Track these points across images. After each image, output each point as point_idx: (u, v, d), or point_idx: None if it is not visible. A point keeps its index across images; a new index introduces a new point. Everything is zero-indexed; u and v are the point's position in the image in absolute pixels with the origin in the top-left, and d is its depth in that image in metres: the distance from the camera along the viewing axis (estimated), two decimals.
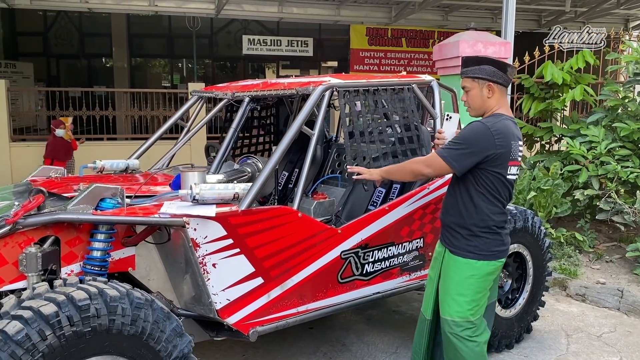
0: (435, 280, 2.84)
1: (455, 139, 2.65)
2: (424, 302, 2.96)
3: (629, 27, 12.43)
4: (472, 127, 2.63)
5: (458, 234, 2.70)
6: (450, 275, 2.72)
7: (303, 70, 15.07)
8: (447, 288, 2.73)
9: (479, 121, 2.63)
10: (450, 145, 2.64)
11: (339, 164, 4.38)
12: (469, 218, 2.66)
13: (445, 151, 2.63)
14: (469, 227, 2.67)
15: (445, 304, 2.74)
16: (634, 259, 5.33)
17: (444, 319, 2.75)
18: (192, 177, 2.80)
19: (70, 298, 2.09)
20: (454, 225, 2.72)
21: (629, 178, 5.35)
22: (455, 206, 2.71)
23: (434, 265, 2.89)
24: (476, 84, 2.66)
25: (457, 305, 2.68)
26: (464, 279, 2.68)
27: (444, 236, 2.81)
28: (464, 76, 2.71)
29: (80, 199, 2.52)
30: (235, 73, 16.22)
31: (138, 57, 15.78)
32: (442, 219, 2.83)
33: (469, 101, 2.72)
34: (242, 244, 2.70)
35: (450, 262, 2.73)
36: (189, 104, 4.14)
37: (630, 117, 5.67)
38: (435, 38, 12.09)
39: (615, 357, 3.84)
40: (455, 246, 2.71)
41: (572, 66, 6.24)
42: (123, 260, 2.74)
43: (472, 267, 2.66)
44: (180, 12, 10.39)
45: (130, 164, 3.80)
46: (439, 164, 2.63)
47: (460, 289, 2.68)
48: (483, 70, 2.64)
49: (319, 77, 3.41)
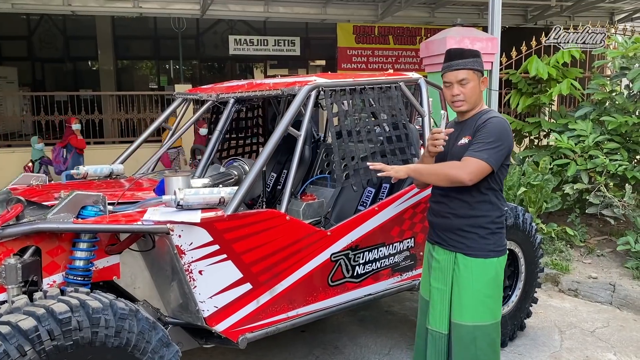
0: (448, 290, 2.60)
1: (487, 138, 2.44)
2: (434, 317, 2.66)
3: (614, 21, 12.47)
4: (497, 124, 2.48)
5: (474, 235, 2.54)
6: (475, 279, 2.53)
7: (291, 70, 15.00)
8: (473, 293, 2.53)
9: (497, 117, 2.51)
10: (485, 146, 2.43)
11: (327, 164, 4.32)
12: (486, 216, 2.53)
13: (483, 153, 2.42)
14: (486, 226, 2.53)
15: (472, 311, 2.54)
16: (624, 253, 5.33)
17: (470, 327, 2.54)
18: (176, 181, 2.73)
19: (51, 311, 2.02)
20: (467, 227, 2.54)
21: (617, 171, 5.35)
22: (466, 207, 2.54)
23: (439, 276, 2.64)
24: (475, 76, 2.53)
25: (487, 308, 2.55)
26: (490, 280, 2.55)
27: (450, 241, 2.59)
28: (460, 68, 2.51)
29: (60, 207, 2.45)
30: (223, 74, 16.13)
31: (124, 59, 15.64)
32: (445, 223, 2.61)
33: (466, 94, 2.53)
34: (229, 250, 2.64)
35: (471, 266, 2.54)
36: (173, 107, 4.07)
37: (618, 111, 5.66)
38: (422, 35, 12.07)
39: (609, 352, 3.82)
40: (473, 248, 2.54)
41: (558, 60, 6.23)
42: (107, 269, 2.67)
43: (495, 266, 2.56)
44: (165, 13, 10.29)
45: (115, 169, 3.72)
46: (482, 168, 2.41)
47: (488, 291, 2.54)
48: (480, 63, 2.56)
49: (304, 77, 3.35)
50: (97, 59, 14.65)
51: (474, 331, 2.55)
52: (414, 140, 3.45)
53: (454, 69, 2.54)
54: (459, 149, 2.56)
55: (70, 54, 15.29)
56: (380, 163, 2.68)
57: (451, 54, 2.59)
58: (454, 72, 2.54)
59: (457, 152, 2.57)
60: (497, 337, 2.64)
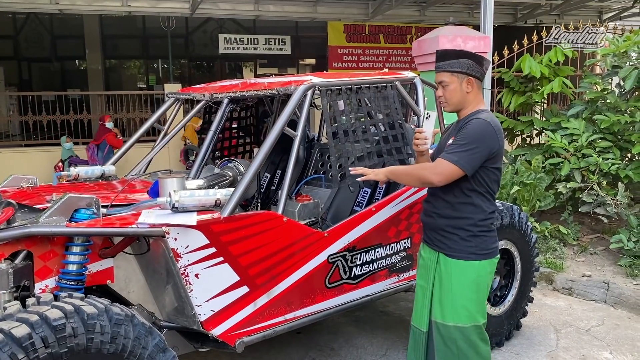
0: (429, 289, 2.64)
1: (461, 140, 2.47)
2: (416, 314, 2.74)
3: (603, 19, 12.55)
4: (475, 126, 2.48)
5: (455, 236, 2.55)
6: (454, 280, 2.55)
7: (280, 69, 14.94)
8: (452, 294, 2.55)
9: (479, 118, 2.50)
10: (457, 148, 2.46)
11: (322, 164, 4.29)
12: (468, 219, 2.53)
13: (454, 155, 2.44)
14: (467, 228, 2.53)
15: (451, 311, 2.56)
16: (617, 251, 5.35)
17: (451, 327, 2.57)
18: (170, 183, 2.68)
19: (44, 318, 1.97)
20: (449, 228, 2.56)
21: (610, 170, 5.36)
22: (448, 208, 2.56)
23: (423, 273, 2.70)
24: (455, 78, 2.55)
25: (466, 310, 2.54)
26: (469, 282, 2.54)
27: (433, 240, 2.64)
28: (440, 70, 2.58)
29: (53, 210, 2.39)
30: (212, 73, 16.03)
31: (112, 58, 15.50)
32: (430, 222, 2.66)
33: (446, 96, 2.58)
34: (226, 252, 2.59)
35: (451, 267, 2.56)
36: (165, 107, 4.01)
37: (610, 109, 5.68)
38: (413, 34, 12.06)
39: (605, 351, 3.82)
40: (453, 249, 2.56)
41: (550, 59, 6.24)
42: (101, 273, 2.61)
43: (476, 269, 2.54)
44: (154, 12, 10.19)
45: (106, 171, 3.67)
46: (451, 171, 2.44)
47: (467, 293, 2.54)
48: (462, 64, 2.54)
49: (300, 76, 3.31)
50: (85, 58, 14.50)
51: (454, 332, 2.57)
52: (409, 140, 3.42)
53: (436, 71, 2.62)
54: (447, 148, 2.59)
55: (57, 53, 15.12)
56: (361, 167, 2.76)
57: (436, 55, 2.65)
58: (437, 75, 2.63)
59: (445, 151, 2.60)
60: (480, 339, 2.61)
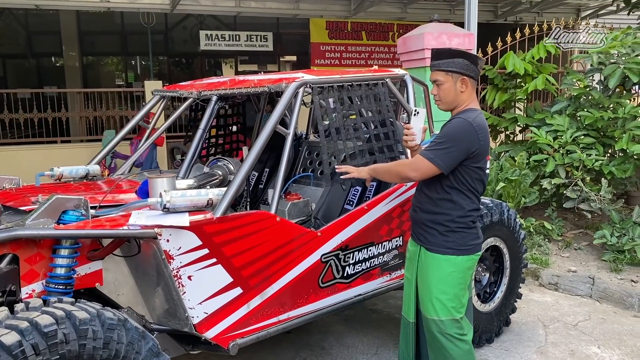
0: (413, 281, 2.75)
1: (439, 138, 2.54)
2: (405, 305, 2.86)
3: (581, 17, 12.70)
4: (454, 124, 2.53)
5: (434, 230, 2.62)
6: (431, 273, 2.63)
7: (261, 65, 14.82)
8: (429, 287, 2.63)
9: (460, 117, 2.54)
10: (434, 145, 2.53)
11: (310, 162, 4.25)
12: (446, 215, 2.59)
13: (430, 152, 2.52)
14: (445, 223, 2.59)
15: (428, 304, 2.64)
16: (601, 246, 5.42)
17: (429, 320, 2.66)
18: (161, 183, 2.62)
19: (35, 324, 1.90)
20: (429, 222, 2.63)
21: (594, 166, 5.42)
22: (429, 203, 2.63)
23: (409, 266, 2.80)
24: (449, 78, 2.57)
25: (441, 304, 2.60)
26: (445, 276, 2.60)
27: (417, 234, 2.72)
28: (435, 69, 2.61)
29: (40, 212, 2.31)
30: (192, 69, 15.84)
31: (90, 55, 15.20)
32: (414, 216, 2.73)
33: (440, 95, 2.62)
34: (219, 253, 2.54)
35: (429, 260, 2.64)
36: (150, 104, 3.93)
37: (593, 106, 5.74)
38: (395, 31, 12.08)
39: (593, 345, 3.86)
40: (432, 243, 2.63)
41: (533, 56, 6.29)
42: (89, 276, 2.54)
43: (452, 263, 2.60)
44: (134, 8, 10.02)
45: (91, 170, 3.58)
46: (426, 167, 2.52)
47: (442, 286, 2.60)
48: (457, 64, 2.56)
49: (290, 73, 3.27)
50: (62, 55, 14.20)
51: (432, 324, 2.65)
52: (400, 138, 3.40)
53: (432, 69, 2.65)
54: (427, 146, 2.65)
55: (33, 49, 14.78)
56: (346, 165, 2.86)
57: (432, 53, 2.67)
58: (432, 73, 2.64)
59: None
60: (458, 334, 2.64)
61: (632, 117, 5.49)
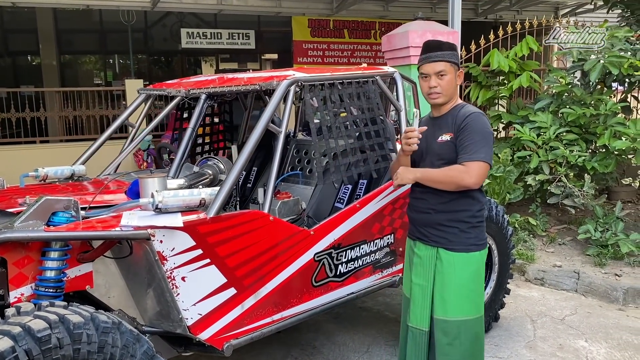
0: (429, 286, 2.58)
1: (477, 136, 2.43)
2: (415, 315, 2.63)
3: (559, 15, 12.87)
4: (479, 120, 2.48)
5: (454, 229, 2.53)
6: (457, 274, 2.52)
7: (242, 64, 14.73)
8: (457, 287, 2.52)
9: (475, 112, 2.52)
10: (477, 145, 2.42)
11: (298, 160, 4.22)
12: (467, 211, 2.53)
13: (480, 153, 2.41)
14: (466, 220, 2.53)
15: (455, 306, 2.53)
16: (584, 241, 5.49)
17: (456, 322, 2.52)
18: (152, 183, 2.58)
19: (27, 329, 1.85)
20: (448, 222, 2.53)
21: (577, 162, 5.49)
22: (447, 202, 2.53)
23: (420, 271, 2.62)
24: (452, 69, 2.53)
25: (472, 302, 2.54)
26: (472, 274, 2.54)
27: (430, 236, 2.59)
28: (439, 59, 2.49)
29: (29, 214, 2.25)
30: (171, 68, 15.68)
31: (68, 53, 14.95)
32: (427, 218, 2.59)
33: (443, 86, 2.51)
34: (213, 254, 2.51)
35: (453, 260, 2.52)
36: (136, 103, 3.86)
37: (575, 103, 5.81)
38: (377, 29, 12.10)
39: (580, 339, 3.91)
40: (454, 242, 2.53)
41: (517, 53, 6.34)
42: (79, 278, 2.49)
43: (477, 260, 2.56)
44: (114, 5, 9.87)
45: (76, 170, 3.51)
46: (484, 170, 2.43)
47: (471, 285, 2.53)
48: (456, 56, 2.56)
49: (281, 71, 3.24)
50: (39, 53, 13.93)
51: (459, 326, 2.53)
52: (391, 135, 3.40)
53: (432, 60, 2.52)
54: (440, 145, 2.55)
55: (9, 48, 14.49)
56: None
57: (429, 45, 2.57)
58: (431, 64, 2.52)
59: (437, 149, 2.56)
60: (481, 331, 2.64)
61: (613, 113, 5.58)
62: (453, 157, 2.50)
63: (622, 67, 5.43)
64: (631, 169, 6.63)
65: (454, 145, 2.50)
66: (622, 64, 5.43)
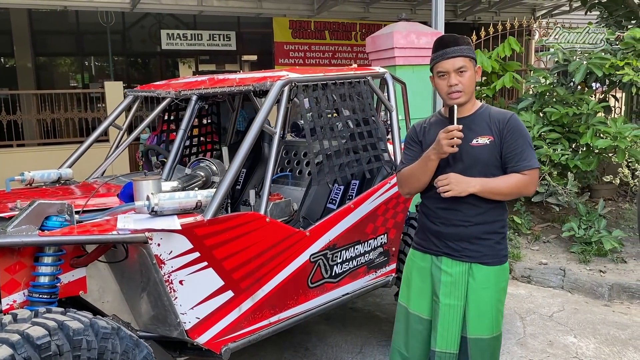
0: (461, 306, 2.33)
1: (527, 141, 2.29)
2: (443, 337, 2.35)
3: (536, 16, 13.07)
4: (520, 122, 2.32)
5: (489, 242, 2.32)
6: (494, 289, 2.34)
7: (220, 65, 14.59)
8: (493, 304, 2.34)
9: (514, 113, 2.35)
10: (530, 151, 2.27)
11: (288, 161, 4.21)
12: (500, 221, 2.35)
13: (535, 159, 2.27)
14: (500, 231, 2.35)
15: (490, 322, 2.35)
16: (568, 238, 5.58)
17: (489, 339, 2.35)
18: (146, 186, 2.54)
19: (26, 336, 1.81)
20: (484, 235, 2.32)
21: (560, 160, 5.57)
22: (482, 214, 2.30)
23: (452, 291, 2.34)
24: (472, 65, 2.29)
25: (500, 316, 2.40)
26: (504, 287, 2.40)
27: (465, 251, 2.33)
28: (458, 55, 2.24)
29: (22, 218, 2.20)
30: (149, 69, 15.48)
31: (43, 55, 14.66)
32: (461, 232, 2.33)
33: (465, 84, 2.25)
34: (210, 257, 2.48)
35: (489, 275, 2.32)
36: (124, 105, 3.80)
37: (558, 102, 5.90)
38: (357, 30, 12.13)
39: (569, 335, 3.96)
40: (490, 256, 2.33)
41: (499, 54, 6.42)
42: (73, 284, 2.44)
43: (507, 271, 2.42)
44: (92, 6, 9.69)
45: (63, 174, 3.44)
46: (537, 176, 2.33)
47: (503, 298, 2.40)
48: (473, 51, 2.33)
49: (273, 71, 3.22)
50: (13, 55, 13.64)
51: (494, 342, 2.37)
52: (383, 135, 3.41)
53: (450, 56, 2.25)
54: (478, 149, 2.28)
55: None
56: (447, 177, 2.25)
57: (445, 41, 2.31)
58: (450, 60, 2.25)
59: (474, 153, 2.28)
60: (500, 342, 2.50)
61: (595, 112, 5.68)
62: (493, 161, 2.28)
63: (604, 68, 5.53)
64: (611, 167, 6.74)
65: (497, 149, 2.28)
66: (604, 65, 5.53)
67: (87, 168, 3.81)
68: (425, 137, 2.43)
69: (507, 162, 2.28)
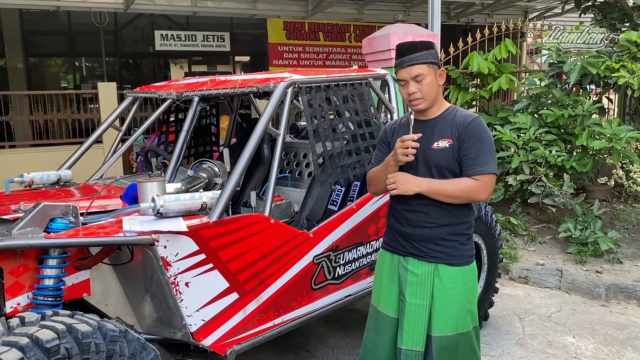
0: (427, 305, 2.38)
1: (485, 145, 2.28)
2: (409, 336, 2.40)
3: (528, 19, 13.16)
4: (483, 125, 2.32)
5: (454, 242, 2.37)
6: (459, 288, 2.38)
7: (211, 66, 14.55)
8: (458, 302, 2.38)
9: (478, 116, 2.36)
10: (488, 156, 2.27)
11: (287, 163, 4.20)
12: (465, 223, 2.40)
13: (492, 165, 2.26)
14: (465, 232, 2.40)
15: (455, 320, 2.39)
16: (564, 239, 5.61)
17: (453, 336, 2.39)
18: (151, 187, 2.53)
19: (35, 340, 1.79)
20: (449, 236, 2.36)
21: (556, 162, 5.61)
22: (448, 215, 2.35)
23: (417, 291, 2.38)
24: (431, 70, 2.28)
25: (470, 314, 2.43)
26: (473, 286, 2.45)
27: (430, 252, 2.37)
28: (414, 63, 2.25)
29: (27, 221, 2.18)
30: (140, 70, 15.41)
31: (35, 56, 14.55)
32: (426, 233, 2.37)
33: (424, 91, 2.28)
34: (216, 258, 2.48)
35: (455, 275, 2.37)
36: (123, 106, 3.79)
37: (554, 104, 5.94)
38: (351, 32, 12.14)
39: (568, 335, 3.99)
40: (455, 256, 2.37)
41: (496, 56, 6.45)
42: (77, 286, 2.43)
43: (474, 270, 2.45)
44: (85, 7, 9.63)
45: (62, 176, 3.41)
46: (494, 183, 2.29)
47: (471, 297, 2.44)
48: (434, 55, 2.31)
49: (276, 73, 3.22)
50: (4, 55, 13.53)
51: (457, 339, 2.41)
52: None
53: (407, 64, 2.28)
54: (436, 152, 2.31)
55: None
56: (395, 175, 2.31)
57: (402, 49, 2.33)
58: (407, 69, 2.29)
59: (434, 156, 2.32)
60: (478, 339, 2.56)
61: (590, 114, 5.72)
62: (452, 165, 2.31)
63: (599, 69, 5.57)
64: (605, 168, 6.81)
65: (455, 153, 2.30)
66: (599, 65, 5.57)
67: (81, 169, 3.77)
68: (393, 138, 2.46)
69: (462, 166, 2.30)
